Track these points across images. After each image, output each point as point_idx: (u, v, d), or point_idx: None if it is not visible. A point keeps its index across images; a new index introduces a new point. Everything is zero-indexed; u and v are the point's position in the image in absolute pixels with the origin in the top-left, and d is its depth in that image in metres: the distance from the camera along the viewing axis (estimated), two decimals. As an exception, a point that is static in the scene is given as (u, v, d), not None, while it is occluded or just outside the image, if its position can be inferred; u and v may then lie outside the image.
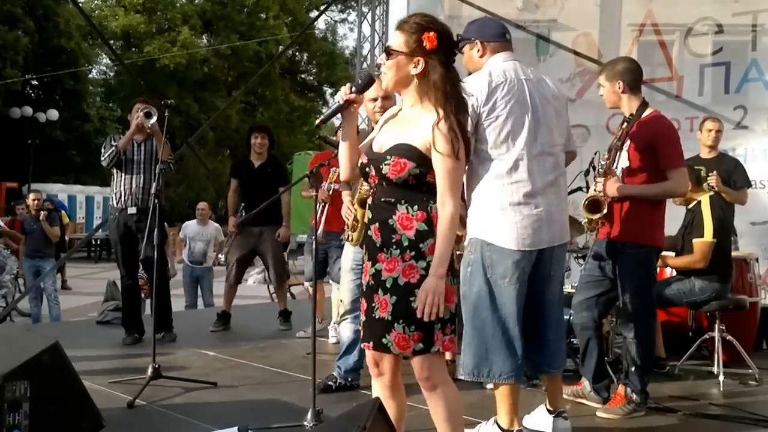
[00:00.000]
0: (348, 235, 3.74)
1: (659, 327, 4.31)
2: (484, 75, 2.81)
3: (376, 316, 2.25)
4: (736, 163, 5.10)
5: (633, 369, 3.39)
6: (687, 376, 4.17)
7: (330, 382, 3.85)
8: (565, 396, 3.33)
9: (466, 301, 2.85)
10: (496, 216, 2.77)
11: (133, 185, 5.00)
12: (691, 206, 4.30)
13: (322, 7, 25.39)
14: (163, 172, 4.78)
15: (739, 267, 4.60)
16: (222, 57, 26.11)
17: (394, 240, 2.22)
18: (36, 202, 8.26)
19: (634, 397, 3.38)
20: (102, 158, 5.11)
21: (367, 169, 2.30)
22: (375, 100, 3.61)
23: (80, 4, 20.44)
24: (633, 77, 3.48)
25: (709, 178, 4.67)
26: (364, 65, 10.66)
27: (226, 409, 3.46)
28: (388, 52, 2.27)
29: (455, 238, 2.24)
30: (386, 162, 2.21)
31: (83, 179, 22.67)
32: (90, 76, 24.81)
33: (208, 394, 3.73)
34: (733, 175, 4.94)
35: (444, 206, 2.18)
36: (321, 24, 28.91)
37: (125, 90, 24.35)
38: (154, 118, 4.65)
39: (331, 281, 5.14)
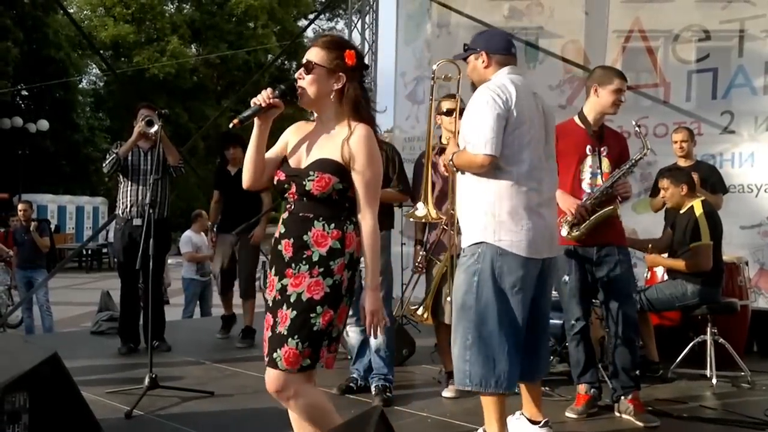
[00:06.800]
0: None
1: (652, 331, 4.37)
2: (505, 84, 2.77)
3: (277, 331, 2.18)
4: (713, 170, 5.15)
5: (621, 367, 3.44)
6: (680, 379, 4.21)
7: (351, 384, 3.92)
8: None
9: (469, 311, 2.76)
10: (508, 222, 2.73)
11: (140, 196, 4.95)
12: (683, 211, 4.35)
13: (312, 16, 25.45)
14: (158, 182, 4.79)
15: (729, 271, 4.66)
16: (211, 66, 26.08)
17: (304, 256, 2.18)
18: (23, 212, 8.17)
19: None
20: (103, 165, 5.11)
21: (286, 185, 2.24)
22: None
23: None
24: None
25: None
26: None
27: (223, 418, 3.47)
28: (309, 66, 2.21)
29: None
30: (309, 178, 2.17)
31: (73, 189, 22.55)
32: (80, 86, 24.71)
33: (206, 403, 3.73)
34: (710, 181, 4.98)
35: (365, 219, 2.19)
36: (310, 33, 28.98)
37: (115, 100, 24.24)
38: (156, 126, 4.53)
39: None
